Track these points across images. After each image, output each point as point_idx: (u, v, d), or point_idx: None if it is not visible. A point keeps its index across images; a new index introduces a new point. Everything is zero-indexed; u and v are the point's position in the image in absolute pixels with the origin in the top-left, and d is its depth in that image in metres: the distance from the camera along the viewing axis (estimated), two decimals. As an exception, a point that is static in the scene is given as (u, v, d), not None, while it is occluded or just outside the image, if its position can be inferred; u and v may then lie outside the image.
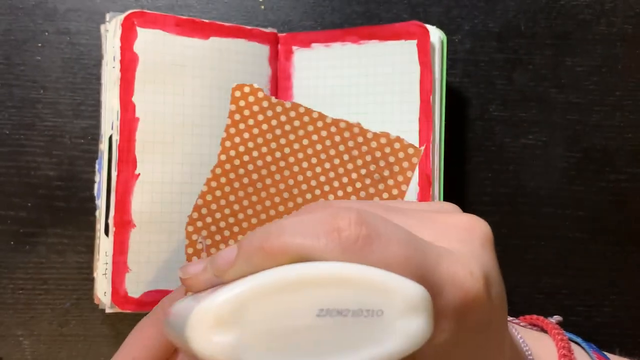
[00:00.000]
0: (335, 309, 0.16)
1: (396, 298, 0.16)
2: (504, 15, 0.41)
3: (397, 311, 0.16)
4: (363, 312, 0.16)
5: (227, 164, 0.25)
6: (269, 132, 0.25)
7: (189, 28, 0.36)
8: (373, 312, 0.16)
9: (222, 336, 0.15)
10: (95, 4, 0.40)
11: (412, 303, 0.16)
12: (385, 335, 0.16)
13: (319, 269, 0.16)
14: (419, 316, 0.16)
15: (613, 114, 0.40)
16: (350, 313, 0.16)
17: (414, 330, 0.16)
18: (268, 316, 0.15)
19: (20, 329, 0.39)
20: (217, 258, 0.19)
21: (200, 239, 0.26)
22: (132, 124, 0.34)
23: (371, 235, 0.17)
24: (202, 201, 0.25)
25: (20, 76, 0.40)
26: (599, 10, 0.41)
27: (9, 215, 0.39)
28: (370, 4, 0.41)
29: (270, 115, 0.25)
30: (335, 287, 0.16)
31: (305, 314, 0.16)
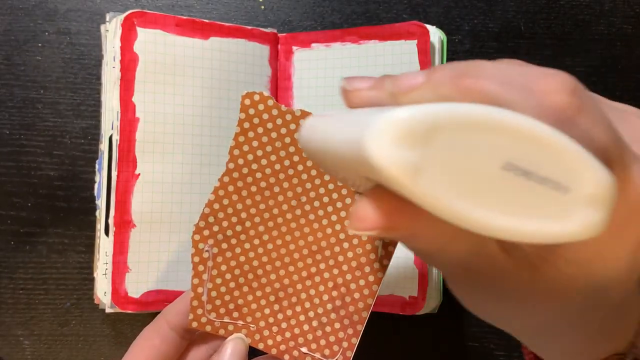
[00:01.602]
0: (523, 167, 0.14)
1: (587, 181, 0.15)
2: (504, 15, 0.41)
3: (584, 195, 0.15)
4: (549, 182, 0.14)
5: (235, 172, 0.25)
6: (278, 140, 0.25)
7: (189, 28, 0.36)
8: (560, 186, 0.15)
9: (405, 151, 0.14)
10: (95, 4, 0.40)
11: (601, 192, 0.15)
12: (562, 214, 0.15)
13: (520, 119, 0.14)
14: (601, 208, 0.15)
15: (612, 114, 0.40)
16: (537, 178, 0.14)
17: (592, 221, 0.15)
18: (454, 149, 0.14)
19: (20, 328, 0.39)
20: (400, 78, 0.17)
21: (207, 247, 0.26)
22: (132, 124, 0.34)
23: (582, 109, 0.16)
24: (209, 209, 0.25)
25: (21, 76, 0.40)
26: (599, 10, 0.41)
27: (9, 215, 0.39)
28: (370, 4, 0.41)
29: (279, 123, 0.25)
30: (530, 145, 0.14)
31: (491, 162, 0.14)
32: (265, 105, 0.25)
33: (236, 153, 0.25)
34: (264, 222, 0.26)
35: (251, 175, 0.25)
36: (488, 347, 0.40)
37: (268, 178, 0.25)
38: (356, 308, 0.27)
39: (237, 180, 0.25)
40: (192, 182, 0.36)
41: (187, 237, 0.36)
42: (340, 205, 0.26)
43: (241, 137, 0.25)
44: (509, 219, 0.14)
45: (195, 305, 0.26)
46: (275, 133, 0.25)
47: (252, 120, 0.25)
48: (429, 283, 0.35)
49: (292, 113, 0.25)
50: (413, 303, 0.35)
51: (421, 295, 0.35)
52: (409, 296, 0.35)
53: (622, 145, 0.17)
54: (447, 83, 0.16)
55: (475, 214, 0.14)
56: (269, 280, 0.26)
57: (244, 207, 0.25)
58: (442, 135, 0.14)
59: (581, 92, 0.16)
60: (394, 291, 0.36)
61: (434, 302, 0.36)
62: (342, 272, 0.27)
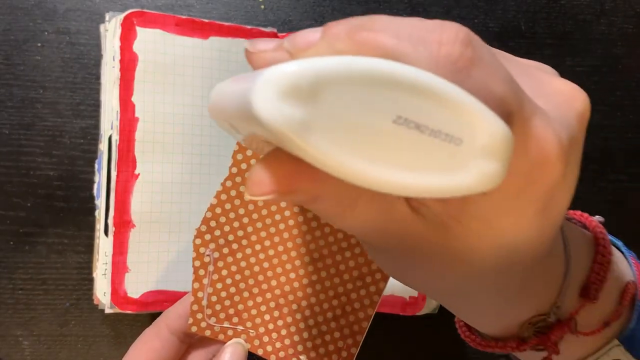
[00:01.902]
0: (414, 120, 0.14)
1: (481, 132, 0.14)
2: (504, 15, 0.41)
3: (477, 146, 0.14)
4: (442, 134, 0.14)
5: (238, 176, 0.25)
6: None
7: (189, 28, 0.36)
8: (452, 138, 0.14)
9: (292, 108, 0.13)
10: (94, 3, 0.40)
11: (495, 143, 0.14)
12: (457, 166, 0.14)
13: (409, 71, 0.14)
14: (496, 159, 0.14)
15: (613, 114, 0.40)
16: (428, 131, 0.14)
17: (488, 172, 0.14)
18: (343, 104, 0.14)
19: (19, 329, 0.39)
20: (296, 36, 0.17)
21: (208, 252, 0.26)
22: (131, 123, 0.34)
23: (474, 59, 0.15)
24: (210, 214, 0.25)
25: (20, 76, 0.39)
26: (599, 10, 0.41)
27: (8, 215, 0.39)
28: (370, 4, 0.41)
29: None
30: (420, 97, 0.14)
31: (382, 116, 0.14)
32: None
33: (239, 157, 0.25)
34: (266, 227, 0.25)
35: None
36: (488, 348, 0.40)
37: None
38: (356, 318, 0.27)
39: (239, 184, 0.25)
40: (191, 182, 0.36)
41: (187, 237, 0.35)
42: None
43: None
44: (404, 174, 0.14)
45: (195, 309, 0.26)
46: None
47: None
48: (429, 283, 0.35)
49: None
50: (413, 303, 0.35)
51: (421, 295, 0.35)
52: (409, 296, 0.35)
53: (522, 97, 0.16)
54: (343, 38, 0.16)
55: (370, 170, 0.14)
56: (270, 286, 0.26)
57: (246, 212, 0.25)
58: (330, 90, 0.14)
59: (476, 43, 0.16)
60: (394, 291, 0.36)
61: (434, 302, 0.36)
62: (342, 281, 0.26)
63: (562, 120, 0.18)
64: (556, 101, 0.19)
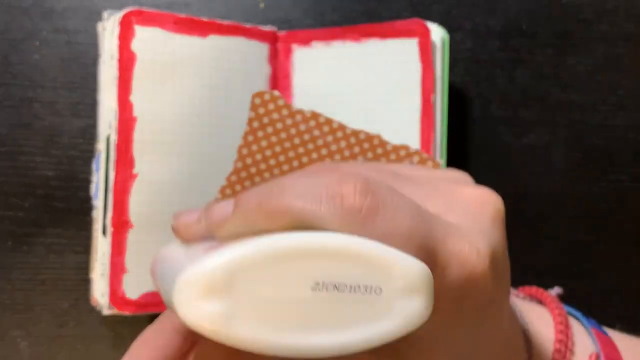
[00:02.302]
0: (331, 282, 0.15)
1: (396, 276, 0.15)
2: (506, 13, 0.41)
3: (397, 289, 0.15)
4: (361, 288, 0.15)
5: (243, 171, 0.25)
6: (288, 140, 0.25)
7: (188, 26, 0.35)
8: (371, 288, 0.15)
9: (211, 304, 0.14)
10: (92, 2, 0.40)
11: (413, 282, 0.15)
12: (382, 314, 0.15)
13: (316, 239, 0.15)
14: (418, 296, 0.15)
15: (615, 113, 0.40)
16: (347, 288, 0.15)
17: (412, 311, 0.15)
18: (261, 286, 0.15)
19: (18, 330, 0.39)
20: (212, 211, 0.18)
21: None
22: (129, 123, 0.34)
23: (376, 206, 0.16)
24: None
25: (18, 75, 0.39)
26: (601, 8, 0.41)
27: (6, 215, 0.39)
28: (371, 2, 0.40)
29: (289, 123, 0.25)
30: (333, 259, 0.15)
31: (300, 287, 0.15)
32: (276, 104, 0.24)
33: (244, 152, 0.25)
34: None
35: (259, 175, 0.25)
36: (489, 349, 0.40)
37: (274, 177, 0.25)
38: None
39: (244, 179, 0.25)
40: (190, 182, 0.35)
41: (186, 238, 0.35)
42: None
43: (250, 136, 0.25)
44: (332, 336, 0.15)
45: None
46: (285, 133, 0.25)
47: (261, 119, 0.24)
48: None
49: (303, 113, 0.25)
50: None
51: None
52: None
53: (430, 224, 0.17)
54: (253, 209, 0.17)
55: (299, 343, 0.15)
56: None
57: None
58: (245, 277, 0.14)
59: (375, 188, 0.16)
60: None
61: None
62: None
63: (477, 229, 0.19)
64: (468, 211, 0.19)
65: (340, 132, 0.25)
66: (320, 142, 0.25)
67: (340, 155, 0.25)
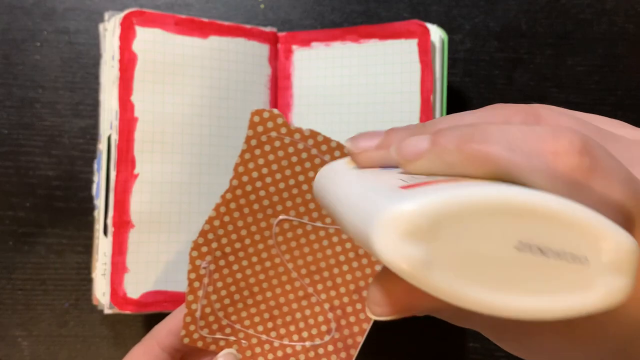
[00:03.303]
0: (537, 245, 0.14)
1: (606, 248, 0.14)
2: (505, 14, 0.41)
3: (604, 262, 0.14)
4: (567, 255, 0.14)
5: (239, 189, 0.25)
6: (285, 158, 0.25)
7: (188, 27, 0.36)
8: (577, 257, 0.14)
9: (412, 247, 0.13)
10: (94, 3, 0.40)
11: (621, 258, 0.14)
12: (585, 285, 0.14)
13: (528, 198, 0.14)
14: (624, 273, 0.14)
15: (614, 113, 0.40)
16: (552, 253, 0.14)
17: (616, 288, 0.14)
18: (464, 236, 0.14)
19: (19, 329, 0.39)
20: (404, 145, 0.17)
21: (204, 264, 0.26)
22: (131, 123, 0.34)
23: (594, 168, 0.15)
24: (209, 226, 0.25)
25: (19, 76, 0.39)
26: (600, 9, 0.41)
27: (7, 215, 0.39)
28: (370, 3, 0.41)
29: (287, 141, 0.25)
30: (542, 221, 0.14)
31: (504, 245, 0.14)
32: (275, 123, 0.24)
33: (241, 170, 0.25)
34: (263, 239, 0.25)
35: (254, 192, 0.25)
36: (488, 347, 0.40)
37: (271, 196, 0.25)
38: (351, 332, 0.27)
39: (239, 197, 0.25)
40: (191, 182, 0.36)
41: (186, 237, 0.35)
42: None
43: (247, 154, 0.24)
44: (530, 300, 0.14)
45: (188, 321, 0.26)
46: (282, 151, 0.24)
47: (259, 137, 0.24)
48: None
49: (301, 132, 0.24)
50: (413, 304, 0.35)
51: (422, 296, 0.35)
52: (410, 297, 0.35)
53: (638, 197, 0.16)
54: (452, 150, 0.16)
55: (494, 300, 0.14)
56: (265, 298, 0.26)
57: (244, 225, 0.25)
58: (450, 225, 0.14)
59: (592, 148, 0.15)
60: (394, 292, 0.36)
61: (435, 302, 0.36)
62: (339, 294, 0.26)
63: None
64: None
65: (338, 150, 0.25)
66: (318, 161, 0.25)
67: None
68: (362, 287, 0.26)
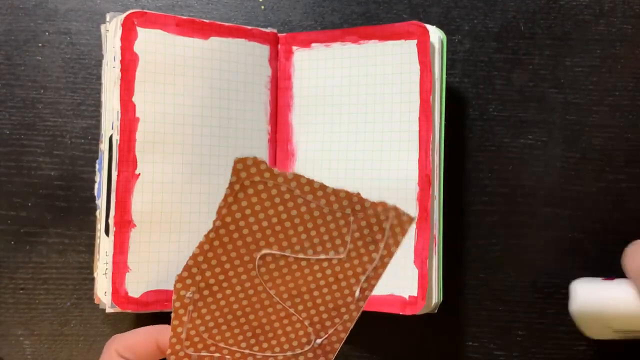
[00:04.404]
0: None
1: None
2: (504, 15, 0.41)
3: None
4: None
5: (222, 229, 0.26)
6: (268, 199, 0.25)
7: (189, 28, 0.36)
8: None
9: None
10: (95, 4, 0.40)
11: None
12: None
13: None
14: None
15: (612, 114, 0.41)
16: None
17: None
18: None
19: (20, 328, 0.39)
20: None
21: (189, 294, 0.26)
22: (132, 124, 0.34)
23: None
24: (192, 262, 0.26)
25: (21, 76, 0.40)
26: (598, 10, 0.41)
27: (9, 215, 0.39)
28: (370, 4, 0.41)
29: (270, 185, 0.25)
30: None
31: None
32: (258, 168, 0.25)
33: (224, 212, 0.25)
34: (247, 271, 0.26)
35: (238, 231, 0.26)
36: (488, 347, 0.40)
37: (254, 234, 0.26)
38: (329, 341, 0.28)
39: (223, 236, 0.26)
40: (192, 182, 0.36)
41: (187, 237, 0.36)
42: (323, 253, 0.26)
43: (230, 198, 0.25)
44: None
45: (173, 342, 0.27)
46: (265, 194, 0.25)
47: (243, 182, 0.25)
48: (428, 283, 0.35)
49: (285, 175, 0.25)
50: (413, 303, 0.35)
51: (421, 295, 0.35)
52: (409, 296, 0.35)
53: None
54: None
55: None
56: (248, 321, 0.27)
57: (228, 259, 0.26)
58: None
59: None
60: (393, 291, 0.36)
61: (434, 301, 0.36)
62: (318, 312, 0.28)
63: None
64: None
65: (321, 191, 0.25)
66: (300, 201, 0.25)
67: (319, 212, 0.25)
68: (339, 304, 0.28)
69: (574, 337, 0.40)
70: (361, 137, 0.37)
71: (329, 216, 0.26)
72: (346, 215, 0.26)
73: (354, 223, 0.26)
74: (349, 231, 0.26)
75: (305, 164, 0.38)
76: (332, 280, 0.27)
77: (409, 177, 0.36)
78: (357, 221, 0.26)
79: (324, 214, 0.26)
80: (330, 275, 0.27)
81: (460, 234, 0.40)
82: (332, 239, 0.26)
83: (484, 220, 0.40)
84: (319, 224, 0.26)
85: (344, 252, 0.26)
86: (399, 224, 0.26)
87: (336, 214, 0.26)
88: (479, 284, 0.40)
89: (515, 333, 0.40)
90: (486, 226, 0.40)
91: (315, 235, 0.26)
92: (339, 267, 0.27)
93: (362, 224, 0.26)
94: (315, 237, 0.26)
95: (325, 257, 0.27)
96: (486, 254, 0.40)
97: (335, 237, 0.26)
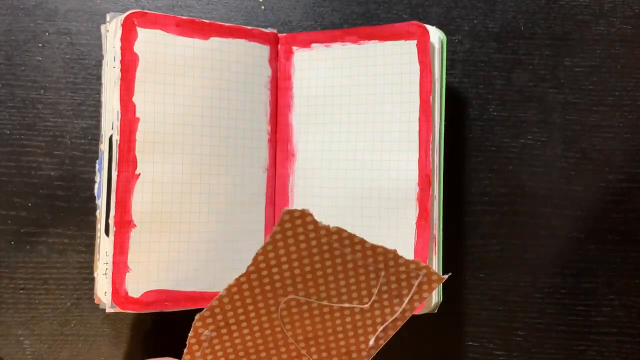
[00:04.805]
0: None
1: None
2: (504, 15, 0.41)
3: None
4: None
5: (254, 274, 0.26)
6: (306, 250, 0.26)
7: (189, 28, 0.36)
8: None
9: None
10: (95, 4, 0.40)
11: None
12: None
13: None
14: None
15: (612, 114, 0.41)
16: None
17: None
18: None
19: (21, 328, 0.39)
20: None
21: (207, 332, 0.26)
22: (132, 124, 0.34)
23: None
24: (217, 302, 0.26)
25: (21, 76, 0.40)
26: (598, 10, 0.41)
27: (9, 215, 0.39)
28: (370, 5, 0.41)
29: (312, 236, 0.25)
30: None
31: None
32: (304, 220, 0.25)
33: (260, 259, 0.25)
34: (268, 313, 0.27)
35: (269, 277, 0.26)
36: (488, 347, 0.40)
37: (285, 280, 0.26)
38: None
39: (253, 281, 0.26)
40: (192, 182, 0.36)
41: (188, 237, 0.36)
42: (348, 302, 0.27)
43: (270, 246, 0.25)
44: None
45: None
46: (305, 244, 0.25)
47: (285, 233, 0.25)
48: (428, 283, 0.35)
49: (327, 229, 0.25)
50: (413, 303, 0.35)
51: (421, 295, 0.35)
52: (409, 296, 0.35)
53: None
54: None
55: None
56: (259, 357, 0.28)
57: (252, 302, 0.26)
58: None
59: None
60: (393, 291, 0.36)
61: (434, 301, 0.36)
62: (330, 355, 0.28)
63: None
64: None
65: (360, 245, 0.26)
66: (337, 253, 0.26)
67: (353, 264, 0.26)
68: (352, 350, 0.28)
69: (574, 337, 0.40)
70: (361, 137, 0.37)
71: (362, 269, 0.26)
72: (378, 270, 0.26)
73: (384, 277, 0.26)
74: (377, 284, 0.27)
75: (305, 164, 0.38)
76: (350, 327, 0.28)
77: (409, 177, 0.36)
78: (387, 275, 0.26)
79: (357, 266, 0.26)
80: (349, 322, 0.27)
81: (460, 234, 0.40)
82: (359, 290, 0.27)
83: (484, 220, 0.40)
84: (350, 275, 0.26)
85: (369, 302, 0.27)
86: (427, 282, 0.26)
87: (369, 267, 0.26)
88: (479, 284, 0.40)
89: (515, 333, 0.40)
90: (486, 226, 0.40)
91: (343, 285, 0.26)
92: (359, 316, 0.27)
93: (392, 279, 0.26)
94: (343, 287, 0.26)
95: (349, 305, 0.27)
96: (486, 254, 0.40)
97: (362, 288, 0.27)
